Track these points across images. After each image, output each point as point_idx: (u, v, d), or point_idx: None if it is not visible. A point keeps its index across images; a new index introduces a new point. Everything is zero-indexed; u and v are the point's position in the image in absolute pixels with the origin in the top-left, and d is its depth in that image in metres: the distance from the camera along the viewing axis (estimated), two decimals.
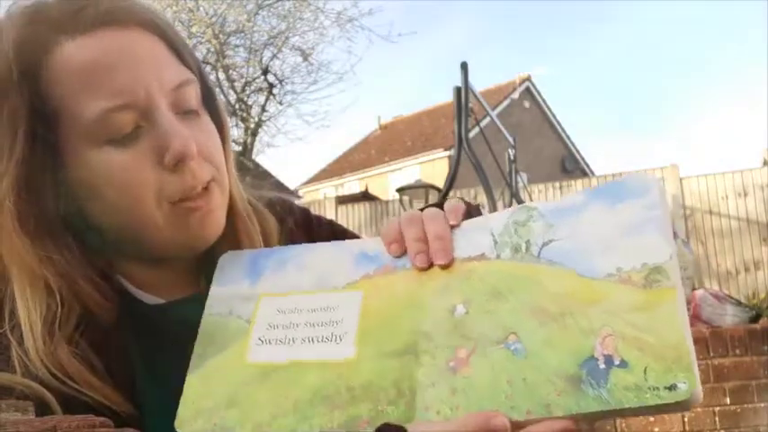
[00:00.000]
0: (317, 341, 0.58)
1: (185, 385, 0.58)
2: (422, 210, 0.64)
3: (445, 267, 0.59)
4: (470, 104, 4.60)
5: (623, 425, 3.58)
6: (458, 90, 4.41)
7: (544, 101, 19.28)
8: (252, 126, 9.25)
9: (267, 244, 0.72)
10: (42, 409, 0.53)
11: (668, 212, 0.54)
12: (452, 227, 0.61)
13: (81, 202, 0.64)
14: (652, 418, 3.58)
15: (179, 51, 0.68)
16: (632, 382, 0.46)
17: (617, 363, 0.47)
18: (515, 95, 18.17)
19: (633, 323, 0.48)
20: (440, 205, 0.64)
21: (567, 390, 0.48)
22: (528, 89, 18.83)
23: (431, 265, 0.59)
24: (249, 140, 9.21)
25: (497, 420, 0.47)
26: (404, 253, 0.61)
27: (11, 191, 0.61)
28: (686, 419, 3.57)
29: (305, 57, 9.34)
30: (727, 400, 3.60)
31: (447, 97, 5.14)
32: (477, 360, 0.53)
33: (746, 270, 7.27)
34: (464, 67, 4.50)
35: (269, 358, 0.58)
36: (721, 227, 7.43)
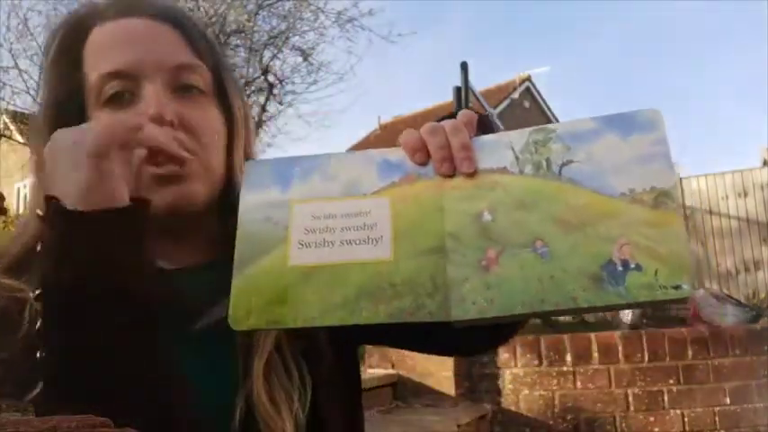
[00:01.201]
0: (355, 244, 0.63)
1: (232, 287, 0.62)
2: (439, 121, 0.67)
3: (469, 176, 0.63)
4: (470, 104, 4.61)
5: (623, 425, 3.58)
6: (458, 90, 4.42)
7: (544, 101, 19.27)
8: (252, 126, 9.24)
9: None
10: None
11: (669, 145, 0.61)
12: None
13: None
14: (652, 418, 3.58)
15: (193, 42, 0.75)
16: (645, 281, 0.55)
17: (632, 266, 0.56)
18: (515, 95, 18.14)
19: (645, 235, 0.57)
20: (453, 116, 0.67)
21: (590, 287, 0.56)
22: (528, 89, 18.80)
23: (453, 174, 0.63)
24: None
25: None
26: (427, 161, 0.64)
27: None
28: (686, 419, 3.57)
29: (305, 57, 9.34)
30: (727, 400, 3.60)
31: (447, 97, 5.14)
32: (507, 260, 0.59)
33: (746, 270, 7.27)
34: (464, 67, 4.51)
35: (311, 260, 0.62)
36: (721, 227, 7.43)
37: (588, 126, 0.63)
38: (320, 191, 0.66)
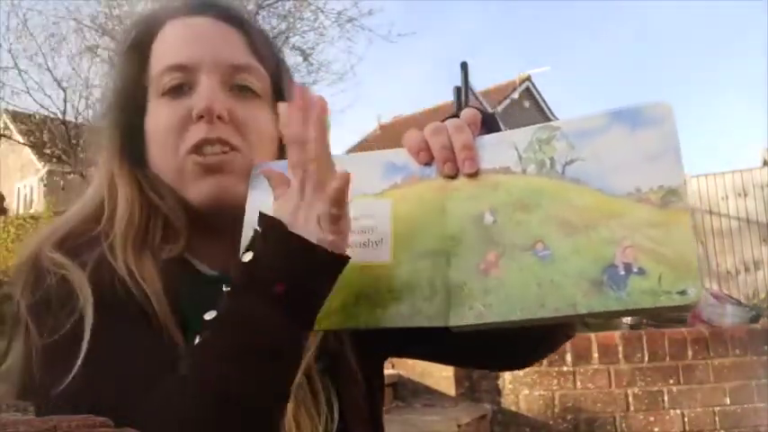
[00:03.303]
0: (357, 246, 0.62)
1: None
2: (443, 121, 0.67)
3: (472, 177, 0.62)
4: (470, 104, 4.60)
5: (623, 425, 3.58)
6: (458, 90, 4.41)
7: (544, 101, 19.24)
8: None
9: None
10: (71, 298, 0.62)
11: (679, 140, 0.58)
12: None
13: (148, 149, 0.75)
14: (652, 418, 3.57)
15: (255, 45, 0.77)
16: (648, 286, 0.52)
17: (635, 270, 0.53)
18: (515, 95, 18.11)
19: (650, 237, 0.54)
20: (457, 116, 0.67)
21: (591, 291, 0.54)
22: (528, 89, 18.78)
23: (456, 175, 0.63)
24: None
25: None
26: (431, 161, 0.64)
27: (116, 133, 0.77)
28: (686, 419, 3.57)
29: (305, 57, 9.33)
30: (727, 400, 3.60)
31: (447, 97, 5.13)
32: (507, 263, 0.57)
33: (746, 270, 7.26)
34: (464, 67, 4.50)
35: None
36: (721, 227, 7.42)
37: (594, 123, 0.60)
38: None
